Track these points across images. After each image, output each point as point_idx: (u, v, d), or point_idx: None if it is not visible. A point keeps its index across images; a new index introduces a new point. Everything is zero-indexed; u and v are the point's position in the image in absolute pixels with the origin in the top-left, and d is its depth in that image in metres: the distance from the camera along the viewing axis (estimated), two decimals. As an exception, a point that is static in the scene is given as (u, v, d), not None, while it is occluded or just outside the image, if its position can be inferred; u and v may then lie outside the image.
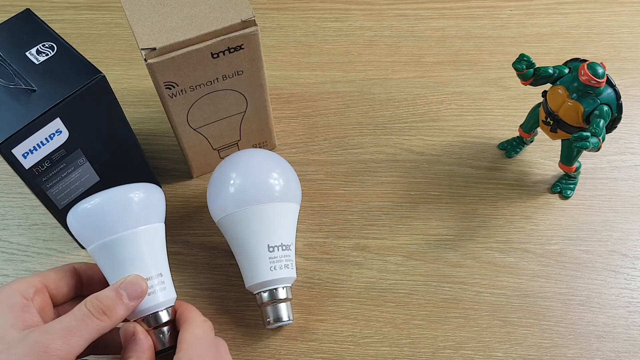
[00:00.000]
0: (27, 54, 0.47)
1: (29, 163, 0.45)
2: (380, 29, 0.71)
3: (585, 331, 0.51)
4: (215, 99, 0.52)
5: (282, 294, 0.49)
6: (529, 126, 0.57)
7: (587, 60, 0.50)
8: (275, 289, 0.49)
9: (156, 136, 0.63)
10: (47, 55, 0.47)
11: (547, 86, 0.53)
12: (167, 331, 0.45)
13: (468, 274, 0.54)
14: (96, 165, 0.51)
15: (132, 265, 0.44)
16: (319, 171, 0.60)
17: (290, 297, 0.50)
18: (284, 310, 0.49)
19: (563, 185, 0.58)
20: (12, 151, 0.44)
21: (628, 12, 0.71)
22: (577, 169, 0.56)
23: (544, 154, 0.60)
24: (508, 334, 0.51)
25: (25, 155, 0.45)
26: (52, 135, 0.46)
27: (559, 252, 0.55)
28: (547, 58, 0.66)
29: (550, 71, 0.52)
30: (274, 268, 0.49)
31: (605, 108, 0.49)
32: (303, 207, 0.57)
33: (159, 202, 0.47)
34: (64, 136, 0.46)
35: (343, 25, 0.72)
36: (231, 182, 0.50)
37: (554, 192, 0.58)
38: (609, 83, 0.50)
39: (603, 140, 0.48)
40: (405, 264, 0.55)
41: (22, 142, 0.44)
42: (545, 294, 0.52)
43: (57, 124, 0.45)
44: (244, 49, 0.49)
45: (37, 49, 0.47)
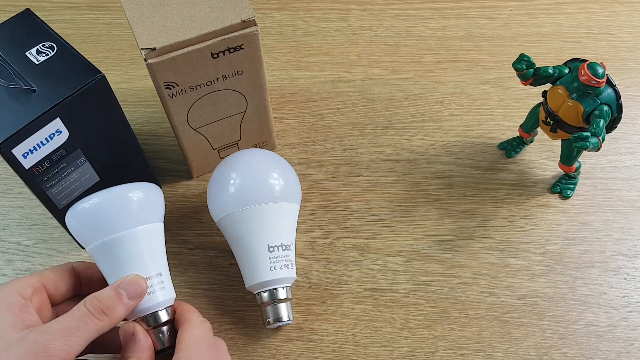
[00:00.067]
0: (27, 54, 0.47)
1: (29, 163, 0.45)
2: (380, 29, 0.71)
3: (585, 331, 0.51)
4: (215, 99, 0.52)
5: (282, 294, 0.49)
6: (529, 126, 0.57)
7: (587, 60, 0.50)
8: (275, 289, 0.49)
9: (156, 136, 0.63)
10: (47, 55, 0.47)
11: (547, 86, 0.53)
12: (166, 331, 0.45)
13: (468, 274, 0.54)
14: (96, 165, 0.51)
15: (132, 265, 0.44)
16: (319, 171, 0.60)
17: (290, 297, 0.50)
18: (284, 310, 0.49)
19: (563, 185, 0.58)
20: (12, 151, 0.44)
21: (628, 12, 0.71)
22: (577, 169, 0.56)
23: (544, 154, 0.60)
24: (508, 334, 0.51)
25: (25, 155, 0.45)
26: (52, 135, 0.46)
27: (559, 252, 0.55)
28: (547, 58, 0.66)
29: (550, 71, 0.52)
30: (274, 268, 0.49)
31: (605, 108, 0.49)
32: (303, 207, 0.57)
33: (158, 202, 0.47)
34: (64, 136, 0.46)
35: (343, 25, 0.72)
36: (231, 182, 0.50)
37: (554, 192, 0.58)
38: (609, 83, 0.50)
39: (603, 140, 0.48)
40: (405, 264, 0.55)
41: (22, 142, 0.44)
42: (545, 294, 0.52)
43: (57, 124, 0.45)
44: (244, 49, 0.49)
45: (37, 49, 0.47)
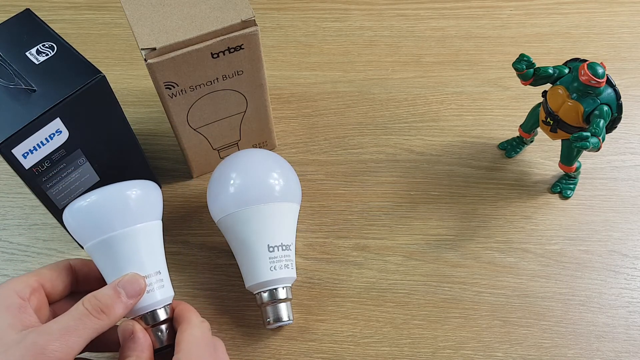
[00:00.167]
0: (27, 54, 0.47)
1: (29, 163, 0.45)
2: (380, 29, 0.71)
3: (585, 331, 0.51)
4: (215, 99, 0.52)
5: (282, 294, 0.49)
6: (529, 126, 0.57)
7: (587, 60, 0.50)
8: (275, 289, 0.49)
9: (156, 136, 0.63)
10: (47, 55, 0.47)
11: (547, 86, 0.53)
12: (165, 329, 0.44)
13: (468, 274, 0.54)
14: (96, 165, 0.51)
15: (130, 263, 0.43)
16: (319, 171, 0.60)
17: (290, 297, 0.50)
18: (284, 310, 0.49)
19: (563, 185, 0.58)
20: (12, 151, 0.44)
21: (628, 12, 0.71)
22: (577, 169, 0.56)
23: (544, 154, 0.60)
24: (508, 334, 0.51)
25: (25, 155, 0.45)
26: (52, 135, 0.46)
27: (559, 252, 0.55)
28: (547, 58, 0.66)
29: (550, 71, 0.52)
30: (274, 268, 0.49)
31: (605, 108, 0.49)
32: (303, 207, 0.57)
33: (156, 199, 0.47)
34: (64, 136, 0.46)
35: (343, 25, 0.72)
36: (231, 182, 0.50)
37: (554, 192, 0.58)
38: (609, 83, 0.50)
39: (603, 140, 0.48)
40: (405, 264, 0.55)
41: (22, 142, 0.44)
42: (545, 294, 0.52)
43: (57, 124, 0.45)
44: (244, 49, 0.49)
45: (37, 49, 0.47)
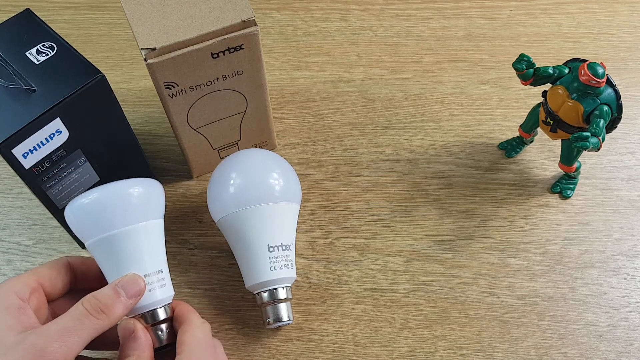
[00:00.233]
0: (27, 54, 0.47)
1: (29, 163, 0.45)
2: (380, 29, 0.71)
3: (585, 331, 0.51)
4: (215, 99, 0.52)
5: (282, 294, 0.49)
6: (529, 126, 0.57)
7: (587, 60, 0.50)
8: (275, 289, 0.49)
9: (156, 136, 0.63)
10: (47, 55, 0.47)
11: (547, 86, 0.53)
12: (165, 328, 0.44)
13: (468, 274, 0.54)
14: (96, 165, 0.51)
15: (131, 262, 0.43)
16: (319, 171, 0.60)
17: (290, 297, 0.50)
18: (284, 310, 0.49)
19: (563, 185, 0.58)
20: (12, 151, 0.44)
21: (628, 12, 0.71)
22: (577, 169, 0.56)
23: (544, 154, 0.60)
24: (508, 334, 0.51)
25: (25, 155, 0.45)
26: (52, 135, 0.46)
27: (559, 252, 0.55)
28: (547, 58, 0.66)
29: (550, 71, 0.52)
30: (274, 268, 0.49)
31: (605, 108, 0.49)
32: (303, 207, 0.57)
33: (159, 198, 0.46)
34: (64, 136, 0.46)
35: (343, 25, 0.72)
36: (231, 182, 0.50)
37: (554, 192, 0.58)
38: (609, 83, 0.50)
39: (603, 140, 0.48)
40: (405, 264, 0.55)
41: (22, 142, 0.44)
42: (545, 294, 0.52)
43: (57, 124, 0.45)
44: (244, 49, 0.49)
45: (37, 49, 0.47)
